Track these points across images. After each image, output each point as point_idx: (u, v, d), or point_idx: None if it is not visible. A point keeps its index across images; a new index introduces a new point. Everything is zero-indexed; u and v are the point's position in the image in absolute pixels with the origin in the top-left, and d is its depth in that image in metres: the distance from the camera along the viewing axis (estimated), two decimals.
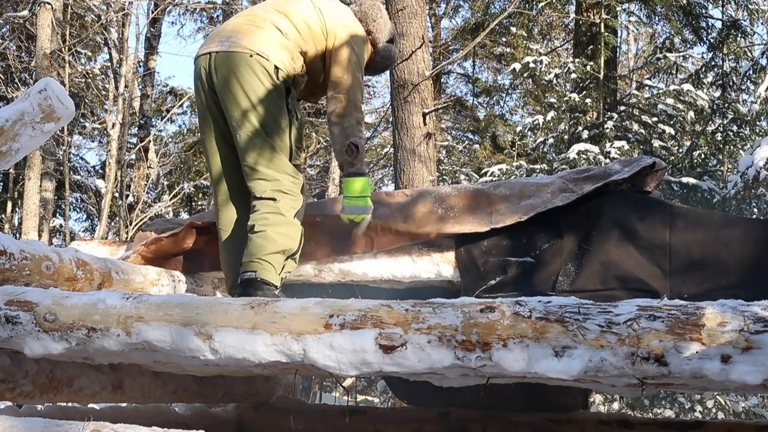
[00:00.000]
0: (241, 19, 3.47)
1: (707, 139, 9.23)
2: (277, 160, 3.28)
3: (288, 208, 3.26)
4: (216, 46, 3.35)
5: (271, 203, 3.24)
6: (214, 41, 3.39)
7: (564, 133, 10.26)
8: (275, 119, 3.30)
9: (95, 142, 19.90)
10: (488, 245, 3.54)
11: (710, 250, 3.27)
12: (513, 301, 2.27)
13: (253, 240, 3.21)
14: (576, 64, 9.42)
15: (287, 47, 3.37)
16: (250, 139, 3.28)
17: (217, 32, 3.47)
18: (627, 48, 19.03)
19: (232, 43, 3.32)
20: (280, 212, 3.23)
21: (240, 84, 3.28)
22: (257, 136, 3.27)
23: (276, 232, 3.20)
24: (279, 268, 3.21)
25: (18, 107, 3.06)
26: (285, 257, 3.23)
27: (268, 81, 3.29)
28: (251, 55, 3.29)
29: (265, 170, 3.26)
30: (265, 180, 3.26)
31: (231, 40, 3.33)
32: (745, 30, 9.46)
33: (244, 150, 3.29)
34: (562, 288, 3.32)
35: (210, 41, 3.43)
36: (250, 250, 3.21)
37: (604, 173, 3.57)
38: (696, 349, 2.07)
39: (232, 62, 3.29)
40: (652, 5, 9.88)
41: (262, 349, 2.40)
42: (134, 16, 14.36)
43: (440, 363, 2.27)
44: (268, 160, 3.27)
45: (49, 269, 2.95)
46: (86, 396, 3.27)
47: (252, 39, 3.32)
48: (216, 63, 3.32)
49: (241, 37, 3.33)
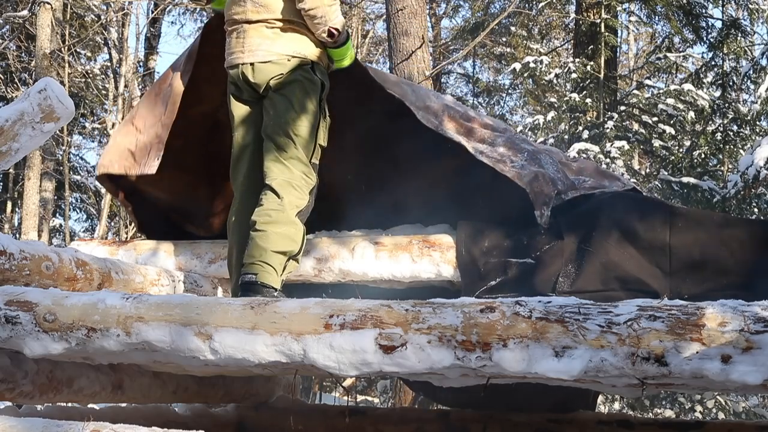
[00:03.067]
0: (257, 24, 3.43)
1: (707, 138, 9.23)
2: (297, 154, 3.29)
3: (292, 206, 3.24)
4: (251, 56, 3.37)
5: (276, 199, 3.23)
6: (245, 50, 3.40)
7: (564, 133, 10.26)
8: (307, 116, 3.33)
9: (95, 142, 19.87)
10: (489, 246, 3.54)
11: (710, 251, 3.27)
12: (513, 302, 2.27)
13: (254, 240, 3.20)
14: (576, 64, 9.42)
15: (307, 35, 3.39)
16: (278, 131, 3.31)
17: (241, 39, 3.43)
18: (627, 48, 19.03)
19: (266, 51, 3.35)
20: (284, 210, 3.22)
21: (279, 88, 3.32)
22: (285, 130, 3.30)
23: (277, 233, 3.19)
24: (280, 270, 3.20)
25: (18, 107, 3.05)
26: (286, 258, 3.23)
27: (305, 80, 3.35)
28: (289, 59, 3.34)
29: (282, 159, 3.28)
30: (279, 168, 3.28)
31: (264, 48, 3.36)
32: (745, 30, 9.45)
33: (269, 140, 3.32)
34: (563, 289, 3.32)
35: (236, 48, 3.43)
36: (252, 251, 3.20)
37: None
38: (696, 349, 2.06)
39: (271, 70, 3.33)
40: (652, 5, 9.87)
41: (262, 349, 2.40)
42: (134, 16, 14.37)
43: (440, 363, 2.27)
44: (288, 150, 3.29)
45: (48, 269, 2.95)
46: (86, 396, 3.27)
47: (282, 41, 3.36)
48: (255, 74, 3.36)
49: (272, 41, 3.36)
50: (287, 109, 3.31)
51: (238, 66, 3.39)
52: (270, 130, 3.33)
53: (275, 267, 3.18)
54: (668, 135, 9.99)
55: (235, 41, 3.44)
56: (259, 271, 3.15)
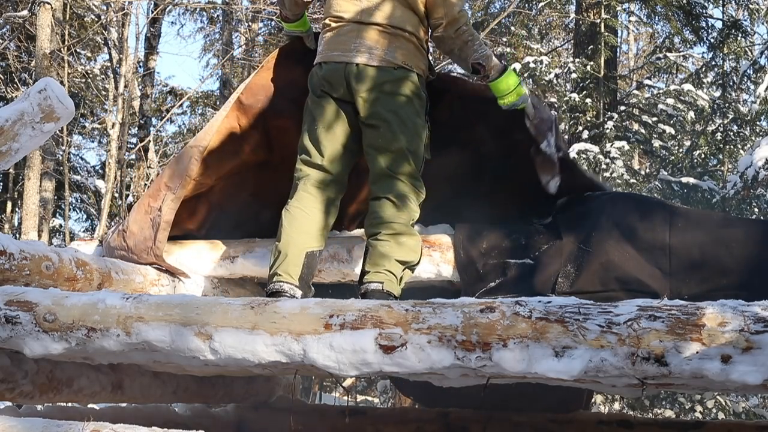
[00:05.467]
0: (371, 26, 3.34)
1: (707, 139, 9.23)
2: (410, 170, 3.25)
3: (410, 219, 3.24)
4: (357, 56, 3.28)
5: (396, 211, 3.21)
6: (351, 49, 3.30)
7: (564, 133, 10.25)
8: (417, 132, 3.29)
9: (95, 142, 19.90)
10: (487, 247, 3.54)
11: (710, 251, 3.26)
12: (513, 302, 2.27)
13: (377, 248, 3.17)
14: (576, 64, 9.42)
15: (417, 45, 3.34)
16: (389, 147, 3.24)
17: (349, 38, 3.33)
18: (627, 48, 19.05)
19: (374, 55, 3.27)
20: (406, 222, 3.21)
21: (386, 101, 3.25)
22: (398, 147, 3.24)
23: (401, 244, 3.18)
24: (399, 279, 3.19)
25: (18, 107, 3.06)
26: (404, 268, 3.21)
27: (413, 94, 3.29)
28: (396, 68, 3.27)
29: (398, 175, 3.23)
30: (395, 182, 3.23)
31: (372, 52, 3.27)
32: (745, 30, 9.44)
33: (382, 155, 3.25)
34: (562, 289, 3.31)
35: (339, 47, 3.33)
36: (375, 260, 3.16)
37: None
38: (696, 349, 2.06)
39: (377, 78, 3.25)
40: (652, 5, 9.87)
41: (262, 349, 2.40)
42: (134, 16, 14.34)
43: (440, 363, 2.27)
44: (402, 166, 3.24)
45: (48, 269, 2.95)
46: (86, 396, 3.28)
47: (392, 49, 3.28)
48: (357, 76, 3.27)
49: (381, 47, 3.28)
50: (401, 126, 3.24)
51: (341, 63, 3.28)
52: (382, 146, 3.24)
53: (397, 276, 3.16)
54: (668, 135, 9.99)
55: (343, 38, 3.33)
56: (384, 280, 3.12)
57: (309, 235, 3.26)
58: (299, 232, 3.24)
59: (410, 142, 3.25)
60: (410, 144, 3.25)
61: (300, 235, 3.24)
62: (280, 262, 3.22)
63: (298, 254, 3.22)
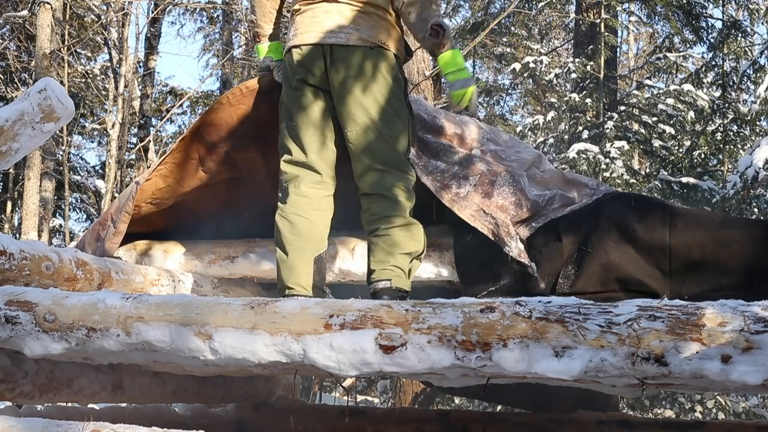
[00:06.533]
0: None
1: (707, 139, 9.23)
2: (397, 156, 3.15)
3: (406, 207, 3.11)
4: (332, 37, 3.13)
5: (390, 203, 3.10)
6: (325, 29, 3.15)
7: (564, 133, 10.26)
8: (399, 116, 3.17)
9: (95, 142, 19.91)
10: (486, 248, 3.52)
11: (710, 251, 3.26)
12: (513, 302, 2.27)
13: (378, 245, 3.08)
14: (576, 64, 9.42)
15: (390, 22, 3.22)
16: (370, 137, 3.12)
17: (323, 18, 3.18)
18: (627, 48, 19.04)
19: (350, 35, 3.13)
20: (401, 213, 3.09)
21: (364, 83, 3.12)
22: (379, 134, 3.12)
23: (401, 235, 3.07)
24: (407, 272, 3.09)
25: (18, 107, 3.05)
26: (411, 259, 3.10)
27: (391, 76, 3.16)
28: (372, 47, 3.13)
29: (385, 165, 3.12)
30: (383, 174, 3.12)
31: (348, 32, 3.13)
32: (745, 30, 9.45)
33: (364, 146, 3.12)
34: (562, 290, 3.31)
35: (311, 28, 3.18)
36: (378, 257, 3.07)
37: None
38: (696, 349, 2.06)
39: (354, 59, 3.11)
40: (652, 5, 9.88)
41: (262, 350, 2.40)
42: (134, 16, 14.36)
43: (440, 363, 2.27)
44: (388, 155, 3.13)
45: (48, 269, 2.95)
46: (86, 396, 3.28)
47: (367, 27, 3.14)
48: (333, 57, 3.13)
49: (356, 26, 3.14)
50: (381, 113, 3.12)
51: (317, 45, 3.14)
52: (363, 136, 3.12)
53: (404, 269, 3.06)
54: (668, 135, 10.00)
55: (310, 20, 3.18)
56: (392, 276, 3.03)
57: (313, 240, 3.15)
58: (302, 239, 3.13)
59: (391, 128, 3.14)
60: (391, 130, 3.14)
61: (304, 242, 3.13)
62: (289, 273, 3.11)
63: (306, 262, 3.11)
